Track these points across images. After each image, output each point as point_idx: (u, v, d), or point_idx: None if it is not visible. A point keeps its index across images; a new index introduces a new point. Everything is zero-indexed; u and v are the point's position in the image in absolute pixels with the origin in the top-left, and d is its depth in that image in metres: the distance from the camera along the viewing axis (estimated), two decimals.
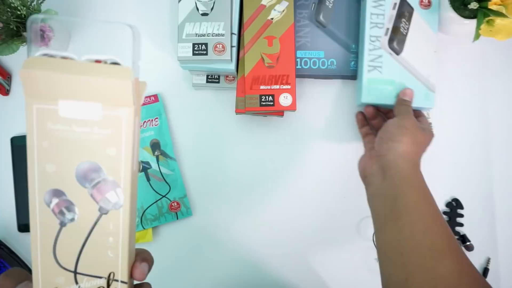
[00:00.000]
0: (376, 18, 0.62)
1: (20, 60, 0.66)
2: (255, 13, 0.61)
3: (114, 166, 0.30)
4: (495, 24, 0.55)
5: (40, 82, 0.27)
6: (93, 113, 0.29)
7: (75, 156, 0.30)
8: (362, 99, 0.62)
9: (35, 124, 0.29)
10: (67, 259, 0.32)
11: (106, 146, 0.30)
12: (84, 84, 0.28)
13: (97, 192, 0.30)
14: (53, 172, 0.30)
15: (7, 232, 0.64)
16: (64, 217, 0.31)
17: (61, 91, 0.28)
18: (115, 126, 0.29)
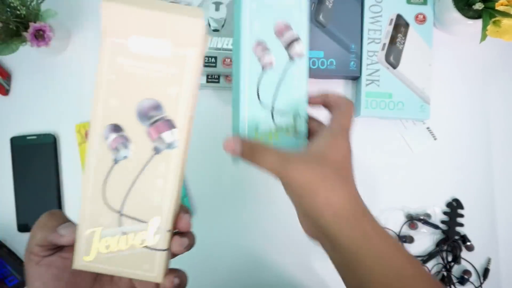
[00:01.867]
0: (373, 33, 0.65)
1: (20, 60, 0.66)
2: None
3: (173, 106, 0.30)
4: (502, 24, 0.55)
5: (117, 16, 0.28)
6: (163, 50, 0.29)
7: (138, 92, 0.30)
8: (361, 112, 0.64)
9: (107, 57, 0.29)
10: (115, 198, 0.32)
11: (169, 85, 0.30)
12: (157, 19, 0.28)
13: (154, 130, 0.31)
14: (116, 106, 0.30)
15: (7, 232, 0.64)
16: (118, 153, 0.31)
17: (134, 26, 0.28)
18: (180, 65, 0.30)
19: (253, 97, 0.41)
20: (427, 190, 0.66)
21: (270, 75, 0.41)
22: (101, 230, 0.32)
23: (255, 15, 0.40)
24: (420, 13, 0.65)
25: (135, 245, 0.33)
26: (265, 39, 0.41)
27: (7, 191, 0.64)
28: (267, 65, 0.41)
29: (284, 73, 0.41)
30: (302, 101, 0.42)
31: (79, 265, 0.33)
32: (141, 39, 0.29)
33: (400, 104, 0.63)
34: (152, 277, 0.33)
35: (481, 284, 0.63)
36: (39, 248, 0.33)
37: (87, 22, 0.68)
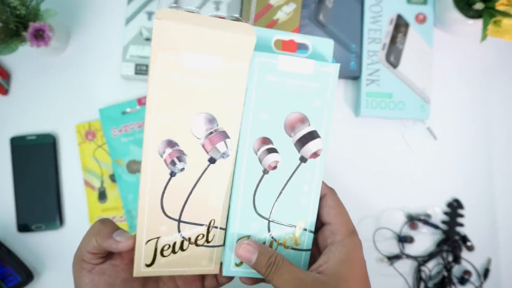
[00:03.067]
0: (373, 33, 0.65)
1: (19, 60, 0.66)
2: (261, 11, 0.61)
3: (226, 117, 0.32)
4: (502, 24, 0.55)
5: (170, 33, 0.29)
6: (213, 65, 0.30)
7: (192, 106, 0.31)
8: (361, 112, 0.64)
9: (159, 73, 0.30)
10: (172, 208, 0.33)
11: (221, 98, 0.31)
12: (209, 36, 0.29)
13: (209, 142, 0.32)
14: (170, 121, 0.31)
15: (7, 232, 0.64)
16: (175, 167, 0.32)
17: (186, 42, 0.29)
18: (231, 78, 0.31)
19: (248, 206, 0.35)
20: (427, 190, 0.66)
21: (272, 179, 0.35)
22: (161, 238, 0.34)
23: (262, 104, 0.33)
24: (420, 13, 0.65)
25: (194, 246, 0.35)
26: (271, 134, 0.34)
27: (7, 191, 0.64)
28: (270, 167, 0.34)
29: (291, 177, 0.35)
30: (310, 210, 0.36)
31: (140, 272, 0.34)
32: (194, 55, 0.30)
33: (400, 104, 0.63)
34: (210, 270, 0.36)
35: (481, 284, 0.63)
36: (91, 256, 0.34)
37: (87, 22, 0.68)
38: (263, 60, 0.32)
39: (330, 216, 0.36)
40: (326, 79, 0.33)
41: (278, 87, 0.33)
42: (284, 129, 0.33)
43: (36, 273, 0.63)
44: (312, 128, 0.35)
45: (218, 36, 0.29)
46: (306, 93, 0.33)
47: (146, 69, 0.65)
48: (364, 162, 0.66)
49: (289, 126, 0.33)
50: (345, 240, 0.34)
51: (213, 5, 0.64)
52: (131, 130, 0.65)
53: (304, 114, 0.33)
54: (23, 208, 0.64)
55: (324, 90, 0.33)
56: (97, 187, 0.64)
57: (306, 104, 0.33)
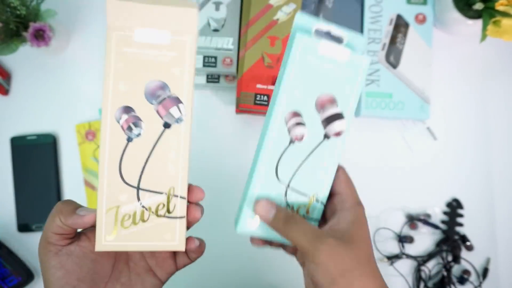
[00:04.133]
0: (373, 33, 0.65)
1: (20, 60, 0.66)
2: (261, 11, 0.61)
3: (178, 84, 0.34)
4: (502, 24, 0.56)
5: (121, 11, 0.32)
6: (163, 38, 0.33)
7: (145, 75, 0.33)
8: (361, 112, 0.64)
9: (113, 49, 0.33)
10: (131, 175, 0.34)
11: (171, 67, 0.34)
12: (157, 12, 0.33)
13: (162, 108, 0.34)
14: (125, 90, 0.33)
15: (7, 232, 0.64)
16: (131, 132, 0.34)
17: (137, 20, 0.33)
18: (180, 49, 0.34)
19: (271, 170, 0.38)
20: (427, 190, 0.66)
21: (296, 150, 0.38)
22: (121, 207, 0.34)
23: (298, 82, 0.37)
24: (420, 13, 0.65)
25: (155, 217, 0.35)
26: (302, 110, 0.37)
27: (7, 191, 0.64)
28: (296, 139, 0.37)
29: (314, 151, 0.38)
30: (325, 184, 0.39)
31: (102, 245, 0.34)
32: (144, 31, 0.33)
33: (400, 104, 0.63)
34: (174, 246, 0.36)
35: (480, 283, 0.63)
36: (57, 237, 0.34)
37: (87, 22, 0.68)
38: (306, 42, 0.36)
39: (340, 187, 0.39)
40: (357, 69, 0.36)
41: (316, 69, 0.35)
42: (314, 107, 0.36)
43: (36, 273, 0.63)
44: (340, 110, 0.38)
45: (163, 11, 0.33)
46: (339, 78, 0.36)
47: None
48: (364, 162, 0.66)
49: (319, 105, 0.36)
50: (354, 207, 0.38)
51: (213, 5, 0.64)
52: None
53: (335, 96, 0.36)
54: (23, 208, 0.64)
55: (354, 79, 0.36)
56: (97, 187, 0.64)
57: (337, 88, 0.37)
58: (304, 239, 0.34)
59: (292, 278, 0.65)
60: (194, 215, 0.36)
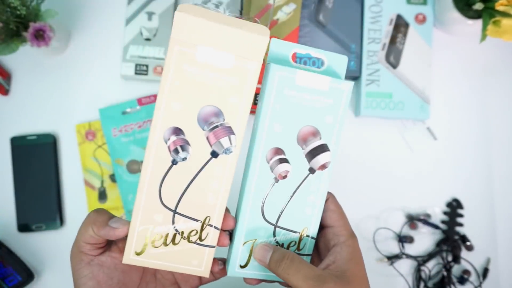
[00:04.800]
0: (373, 33, 0.65)
1: (20, 60, 0.66)
2: (262, 11, 0.61)
3: (233, 114, 0.32)
4: (502, 24, 0.56)
5: (188, 26, 0.30)
6: (226, 62, 0.31)
7: (201, 99, 0.32)
8: (361, 112, 0.64)
9: (173, 64, 0.31)
10: (170, 198, 0.33)
11: (230, 94, 0.32)
12: (225, 33, 0.31)
13: (213, 136, 0.33)
14: (178, 110, 0.32)
15: (7, 232, 0.64)
16: (177, 155, 0.32)
17: (203, 37, 0.31)
18: (242, 77, 0.32)
19: (257, 212, 0.37)
20: (427, 190, 0.66)
21: (281, 188, 0.37)
22: (154, 227, 0.34)
23: (277, 116, 0.35)
24: (420, 13, 0.65)
25: (186, 242, 0.34)
26: (284, 145, 0.36)
27: (7, 191, 0.64)
28: (280, 176, 0.36)
29: (299, 187, 0.37)
30: (314, 218, 0.38)
31: (129, 259, 0.34)
32: (208, 50, 0.31)
33: (400, 104, 0.64)
34: (200, 272, 0.35)
35: (480, 283, 0.63)
36: (89, 246, 0.34)
37: (87, 22, 0.68)
38: (282, 74, 0.34)
39: (332, 219, 0.38)
40: (339, 96, 0.34)
41: (294, 101, 0.34)
42: (296, 141, 0.35)
43: (36, 273, 0.63)
44: (323, 142, 0.37)
45: (232, 33, 0.31)
46: (320, 108, 0.34)
47: (146, 69, 0.65)
48: (364, 162, 0.66)
49: (301, 139, 0.34)
50: (348, 240, 0.37)
51: (213, 6, 0.64)
52: (131, 130, 0.65)
53: (317, 128, 0.34)
54: (23, 208, 0.64)
55: (336, 107, 0.34)
56: (97, 187, 0.64)
57: (319, 119, 0.35)
58: (304, 284, 0.33)
59: None
60: (222, 243, 0.36)
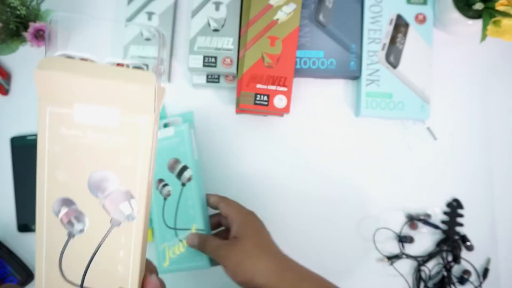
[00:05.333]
0: (373, 33, 0.65)
1: (20, 60, 0.66)
2: (261, 12, 0.61)
3: (129, 176, 0.28)
4: (502, 24, 0.56)
5: (56, 84, 0.25)
6: (110, 119, 0.27)
7: (88, 164, 0.28)
8: (361, 112, 0.64)
9: (48, 128, 0.27)
10: (74, 272, 0.30)
11: (121, 155, 0.28)
12: (102, 87, 0.26)
13: (110, 203, 0.29)
14: (64, 180, 0.28)
15: (7, 232, 0.64)
16: (73, 227, 0.29)
17: (77, 95, 0.26)
18: (132, 134, 0.27)
19: (161, 223, 0.56)
20: (427, 190, 0.66)
21: (170, 203, 0.56)
22: None
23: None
24: (420, 13, 0.65)
25: None
26: (163, 176, 0.56)
27: (7, 191, 0.64)
28: (166, 196, 0.56)
29: (180, 197, 0.55)
30: (198, 215, 0.54)
31: None
32: (86, 107, 0.26)
33: (400, 104, 0.63)
34: None
35: (480, 284, 0.63)
36: None
37: (87, 22, 0.68)
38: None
39: (227, 213, 0.53)
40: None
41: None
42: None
43: None
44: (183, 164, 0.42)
45: (110, 86, 0.25)
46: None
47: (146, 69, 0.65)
48: (364, 162, 0.66)
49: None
50: (237, 216, 0.52)
51: (213, 5, 0.64)
52: None
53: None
54: (23, 208, 0.64)
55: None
56: None
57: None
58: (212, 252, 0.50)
59: None
60: None
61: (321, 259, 0.65)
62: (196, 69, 0.63)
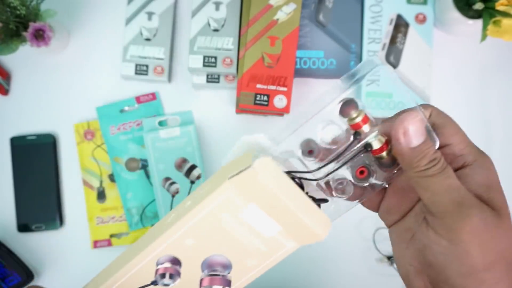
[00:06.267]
0: (373, 33, 0.65)
1: (19, 60, 0.66)
2: (261, 11, 0.61)
3: (241, 273, 0.30)
4: (502, 24, 0.55)
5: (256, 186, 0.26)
6: (269, 230, 0.28)
7: (219, 246, 0.29)
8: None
9: (214, 206, 0.27)
10: None
11: (250, 256, 0.29)
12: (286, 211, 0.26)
13: (208, 281, 0.30)
14: (188, 245, 0.29)
15: (7, 232, 0.64)
16: (162, 279, 0.30)
17: (260, 200, 0.27)
18: (273, 248, 0.29)
19: None
20: None
21: (179, 200, 0.60)
22: None
23: (159, 159, 0.62)
24: (420, 13, 0.65)
25: None
26: (169, 174, 0.61)
27: (7, 191, 0.64)
28: (174, 193, 0.61)
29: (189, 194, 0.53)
30: None
31: None
32: (257, 211, 0.27)
33: (400, 104, 0.63)
34: None
35: None
36: None
37: (86, 22, 0.68)
38: (152, 136, 0.62)
39: (445, 135, 0.28)
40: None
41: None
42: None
43: (36, 273, 0.63)
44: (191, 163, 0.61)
45: (293, 215, 0.26)
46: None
47: (146, 69, 0.65)
48: None
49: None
50: (479, 160, 0.28)
51: (213, 5, 0.64)
52: (129, 128, 0.65)
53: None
54: (23, 208, 0.64)
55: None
56: (96, 187, 0.64)
57: (183, 150, 0.55)
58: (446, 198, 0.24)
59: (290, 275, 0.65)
60: None
61: (321, 259, 0.65)
62: (196, 69, 0.63)
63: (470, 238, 0.23)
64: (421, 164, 0.25)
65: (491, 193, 0.26)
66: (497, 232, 0.24)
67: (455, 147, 0.27)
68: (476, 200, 0.25)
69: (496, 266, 0.24)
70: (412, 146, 0.25)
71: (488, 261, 0.24)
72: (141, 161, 0.64)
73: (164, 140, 0.62)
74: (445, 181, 0.25)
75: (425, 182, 0.25)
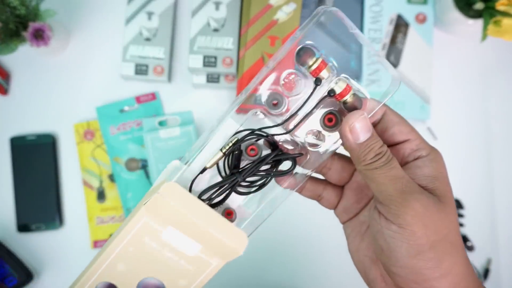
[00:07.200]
0: (373, 33, 0.65)
1: (19, 60, 0.66)
2: (261, 11, 0.61)
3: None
4: (502, 24, 0.56)
5: (167, 209, 0.28)
6: (190, 249, 0.30)
7: (150, 270, 0.31)
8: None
9: (135, 231, 0.29)
10: None
11: (180, 276, 0.31)
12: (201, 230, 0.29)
13: None
14: (121, 271, 0.30)
15: (7, 232, 0.64)
16: None
17: (176, 222, 0.29)
18: (200, 267, 0.31)
19: None
20: None
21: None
22: None
23: (158, 159, 0.62)
24: (420, 13, 0.65)
25: None
26: None
27: (7, 191, 0.64)
28: None
29: None
30: None
31: None
32: (177, 234, 0.29)
33: (400, 104, 0.63)
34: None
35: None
36: None
37: (86, 22, 0.68)
38: (152, 136, 0.62)
39: (403, 132, 0.30)
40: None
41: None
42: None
43: (36, 273, 0.63)
44: None
45: (209, 234, 0.29)
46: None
47: (146, 69, 0.65)
48: None
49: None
50: (431, 153, 0.30)
51: (213, 5, 0.64)
52: (129, 128, 0.65)
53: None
54: (23, 208, 0.64)
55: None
56: (95, 187, 0.64)
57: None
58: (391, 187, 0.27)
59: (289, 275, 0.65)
60: None
61: (322, 259, 0.65)
62: (196, 69, 0.63)
63: (415, 220, 0.26)
64: (367, 158, 0.28)
65: (436, 183, 0.29)
66: (439, 215, 0.27)
67: (413, 142, 0.30)
68: (419, 188, 0.28)
69: (440, 245, 0.26)
70: (359, 142, 0.28)
71: (432, 240, 0.26)
72: (141, 161, 0.64)
73: (164, 140, 0.62)
74: (390, 172, 0.27)
75: (372, 174, 0.28)
